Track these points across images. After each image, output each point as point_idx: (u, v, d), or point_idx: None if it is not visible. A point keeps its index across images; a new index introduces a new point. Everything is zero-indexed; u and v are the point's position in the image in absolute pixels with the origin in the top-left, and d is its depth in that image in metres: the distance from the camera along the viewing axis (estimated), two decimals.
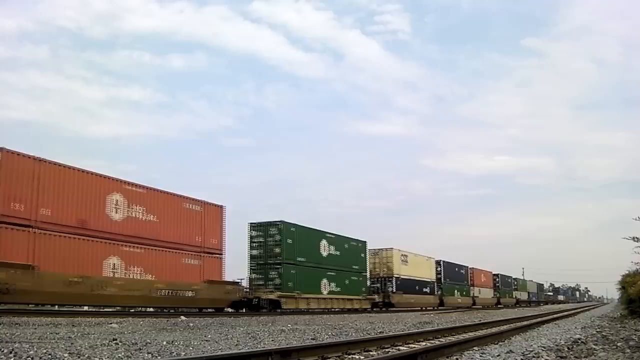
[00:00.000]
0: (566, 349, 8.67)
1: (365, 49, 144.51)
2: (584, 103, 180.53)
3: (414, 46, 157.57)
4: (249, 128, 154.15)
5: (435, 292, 46.27)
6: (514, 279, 76.41)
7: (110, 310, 20.28)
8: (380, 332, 12.30)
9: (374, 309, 35.48)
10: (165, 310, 21.75)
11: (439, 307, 44.71)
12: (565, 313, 28.30)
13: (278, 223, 28.07)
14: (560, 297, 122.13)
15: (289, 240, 28.18)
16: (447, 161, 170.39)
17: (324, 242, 31.58)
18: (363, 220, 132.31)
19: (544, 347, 8.98)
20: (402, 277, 40.01)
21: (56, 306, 21.38)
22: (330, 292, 31.36)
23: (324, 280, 31.02)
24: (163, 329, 12.16)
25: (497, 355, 7.91)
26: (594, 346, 9.12)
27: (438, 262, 48.52)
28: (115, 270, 19.37)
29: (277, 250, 27.62)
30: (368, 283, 37.45)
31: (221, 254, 24.96)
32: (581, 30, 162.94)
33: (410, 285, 41.38)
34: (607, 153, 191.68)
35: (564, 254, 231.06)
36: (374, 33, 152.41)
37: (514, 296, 72.56)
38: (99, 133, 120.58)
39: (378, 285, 38.75)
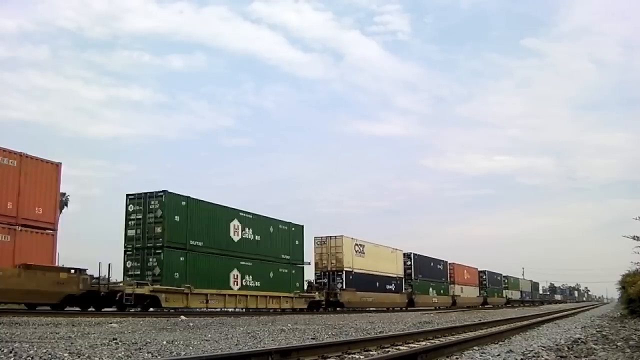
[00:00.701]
0: (566, 349, 8.68)
1: (364, 49, 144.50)
2: (583, 103, 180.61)
3: (413, 46, 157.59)
4: (248, 128, 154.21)
5: (403, 290, 40.71)
6: (505, 276, 70.85)
7: (110, 310, 20.27)
8: (380, 332, 12.30)
9: (315, 310, 29.81)
10: None
11: (408, 308, 39.83)
12: (563, 314, 28.23)
13: (160, 194, 22.01)
14: (558, 297, 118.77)
15: (177, 218, 22.22)
16: (447, 161, 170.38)
17: (235, 223, 25.09)
18: (363, 221, 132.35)
19: (544, 347, 8.98)
20: (355, 271, 34.17)
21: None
22: (243, 288, 25.07)
23: (234, 272, 24.66)
24: (163, 329, 12.16)
25: (497, 355, 7.91)
26: (594, 346, 9.12)
27: (407, 255, 42.84)
28: None
29: (159, 229, 21.58)
30: (312, 278, 32.55)
31: (54, 230, 19.05)
32: (581, 31, 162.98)
33: (368, 282, 35.59)
34: (607, 153, 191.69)
35: (564, 254, 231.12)
36: (374, 33, 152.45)
37: (504, 295, 67.75)
38: (99, 133, 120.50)
39: (325, 280, 32.76)
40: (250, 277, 25.61)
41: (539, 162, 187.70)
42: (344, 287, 32.85)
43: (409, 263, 42.79)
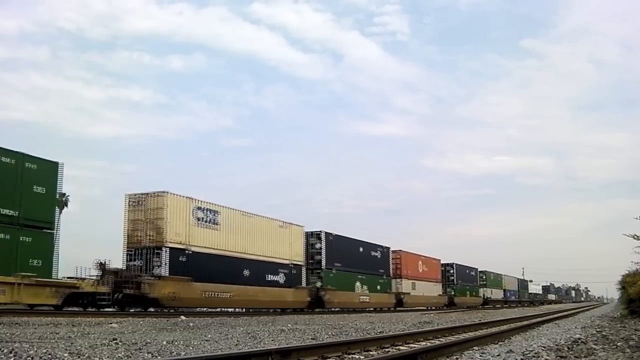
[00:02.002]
0: (566, 349, 8.67)
1: (364, 49, 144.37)
2: (583, 103, 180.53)
3: (413, 47, 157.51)
4: (248, 128, 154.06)
5: (302, 283, 29.28)
6: (482, 272, 59.75)
7: (110, 310, 20.26)
8: (380, 332, 12.30)
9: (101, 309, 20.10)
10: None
11: (314, 309, 28.93)
12: (563, 314, 28.24)
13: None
14: (552, 297, 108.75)
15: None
16: (447, 161, 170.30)
17: None
18: (363, 221, 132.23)
19: (544, 347, 8.98)
20: (195, 250, 22.62)
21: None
22: None
23: None
24: (163, 329, 12.16)
25: (497, 355, 7.91)
26: (594, 346, 9.12)
27: (316, 235, 30.85)
28: None
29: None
30: (106, 260, 20.93)
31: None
32: (580, 32, 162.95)
33: (225, 269, 24.04)
34: (607, 153, 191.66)
35: (564, 254, 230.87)
36: (373, 34, 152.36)
37: (480, 294, 57.42)
38: (99, 133, 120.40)
39: (141, 263, 21.25)
40: None
41: (539, 162, 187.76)
42: (166, 273, 21.25)
43: (318, 246, 30.75)
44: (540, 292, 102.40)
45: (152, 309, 21.68)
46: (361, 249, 35.46)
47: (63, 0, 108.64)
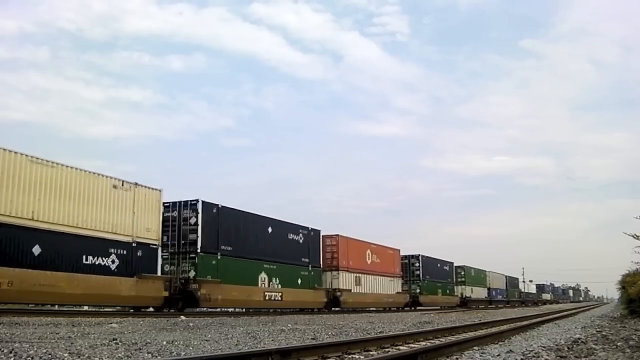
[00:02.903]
0: (566, 349, 8.67)
1: (364, 50, 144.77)
2: (582, 104, 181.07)
3: (412, 47, 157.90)
4: (248, 129, 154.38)
5: (154, 272, 20.52)
6: (459, 267, 52.06)
7: (111, 310, 20.26)
8: (380, 332, 12.29)
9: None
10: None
11: (172, 308, 21.27)
12: (563, 314, 28.24)
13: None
14: (547, 296, 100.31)
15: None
16: (447, 161, 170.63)
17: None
18: (363, 221, 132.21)
19: (544, 347, 8.98)
20: None
21: (56, 306, 21.24)
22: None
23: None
24: (163, 329, 12.15)
25: (497, 355, 7.91)
26: (594, 346, 9.12)
27: (188, 206, 22.65)
28: None
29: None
30: None
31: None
32: (579, 32, 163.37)
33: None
34: (606, 153, 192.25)
35: (564, 254, 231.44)
36: (373, 34, 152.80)
37: (457, 292, 50.44)
38: (99, 134, 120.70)
39: None
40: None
41: (538, 163, 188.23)
42: None
43: (193, 221, 22.57)
44: (535, 291, 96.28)
45: None
46: (270, 230, 26.75)
47: (63, 0, 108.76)
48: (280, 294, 26.49)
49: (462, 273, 52.71)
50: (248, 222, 25.53)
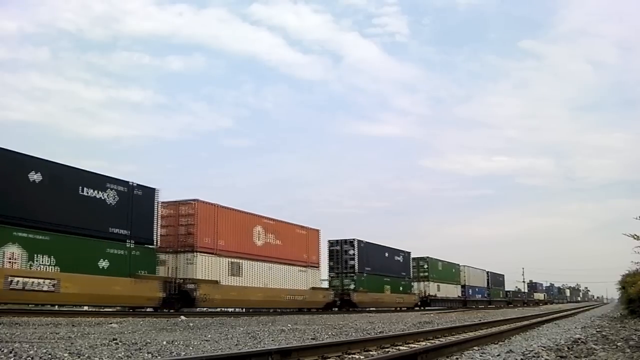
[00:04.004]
0: (566, 349, 8.67)
1: (363, 50, 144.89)
2: (581, 104, 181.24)
3: (411, 48, 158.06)
4: (248, 129, 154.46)
5: None
6: (420, 258, 43.59)
7: (110, 310, 20.25)
8: (380, 332, 12.29)
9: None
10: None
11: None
12: (563, 314, 28.26)
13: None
14: (539, 296, 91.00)
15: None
16: (446, 162, 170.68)
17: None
18: (363, 221, 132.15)
19: (544, 347, 8.98)
20: None
21: (56, 306, 21.21)
22: None
23: None
24: (163, 329, 12.15)
25: (497, 355, 7.91)
26: (594, 346, 9.11)
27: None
28: None
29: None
30: None
31: None
32: (578, 33, 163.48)
33: None
34: (606, 153, 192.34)
35: (564, 254, 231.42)
36: (372, 35, 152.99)
37: (416, 290, 41.92)
38: (99, 134, 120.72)
39: None
40: None
41: (538, 163, 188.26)
42: None
43: None
44: (526, 290, 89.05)
45: None
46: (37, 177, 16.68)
47: (63, 1, 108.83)
48: (53, 282, 16.58)
49: (425, 266, 43.81)
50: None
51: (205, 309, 23.27)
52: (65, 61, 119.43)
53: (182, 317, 17.02)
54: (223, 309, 25.35)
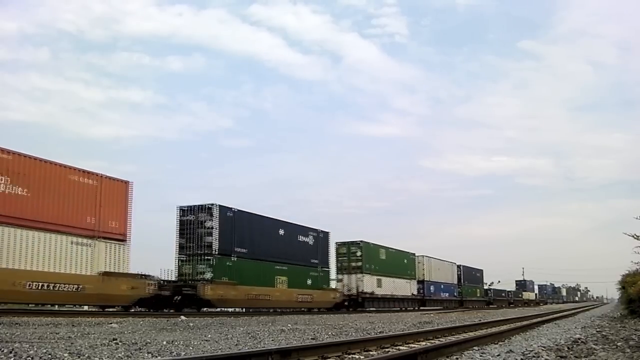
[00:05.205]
0: (566, 349, 8.67)
1: (363, 51, 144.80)
2: (581, 104, 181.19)
3: (411, 49, 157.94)
4: (248, 129, 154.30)
5: None
6: (353, 243, 34.58)
7: (111, 310, 20.26)
8: (380, 332, 12.29)
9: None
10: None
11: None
12: (563, 314, 28.27)
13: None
14: (529, 295, 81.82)
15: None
16: (446, 162, 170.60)
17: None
18: (363, 221, 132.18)
19: (544, 347, 8.97)
20: None
21: (56, 306, 21.26)
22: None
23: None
24: (163, 329, 12.15)
25: (497, 355, 7.90)
26: (594, 346, 9.11)
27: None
28: None
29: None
30: None
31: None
32: (578, 33, 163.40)
33: None
34: (605, 154, 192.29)
35: (564, 254, 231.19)
36: (372, 36, 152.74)
37: (339, 285, 33.72)
38: (99, 134, 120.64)
39: None
40: None
41: (538, 163, 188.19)
42: None
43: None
44: (514, 288, 79.32)
45: None
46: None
47: (63, 1, 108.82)
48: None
49: (358, 254, 34.13)
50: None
51: None
52: (66, 62, 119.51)
53: (182, 317, 17.03)
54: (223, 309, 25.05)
